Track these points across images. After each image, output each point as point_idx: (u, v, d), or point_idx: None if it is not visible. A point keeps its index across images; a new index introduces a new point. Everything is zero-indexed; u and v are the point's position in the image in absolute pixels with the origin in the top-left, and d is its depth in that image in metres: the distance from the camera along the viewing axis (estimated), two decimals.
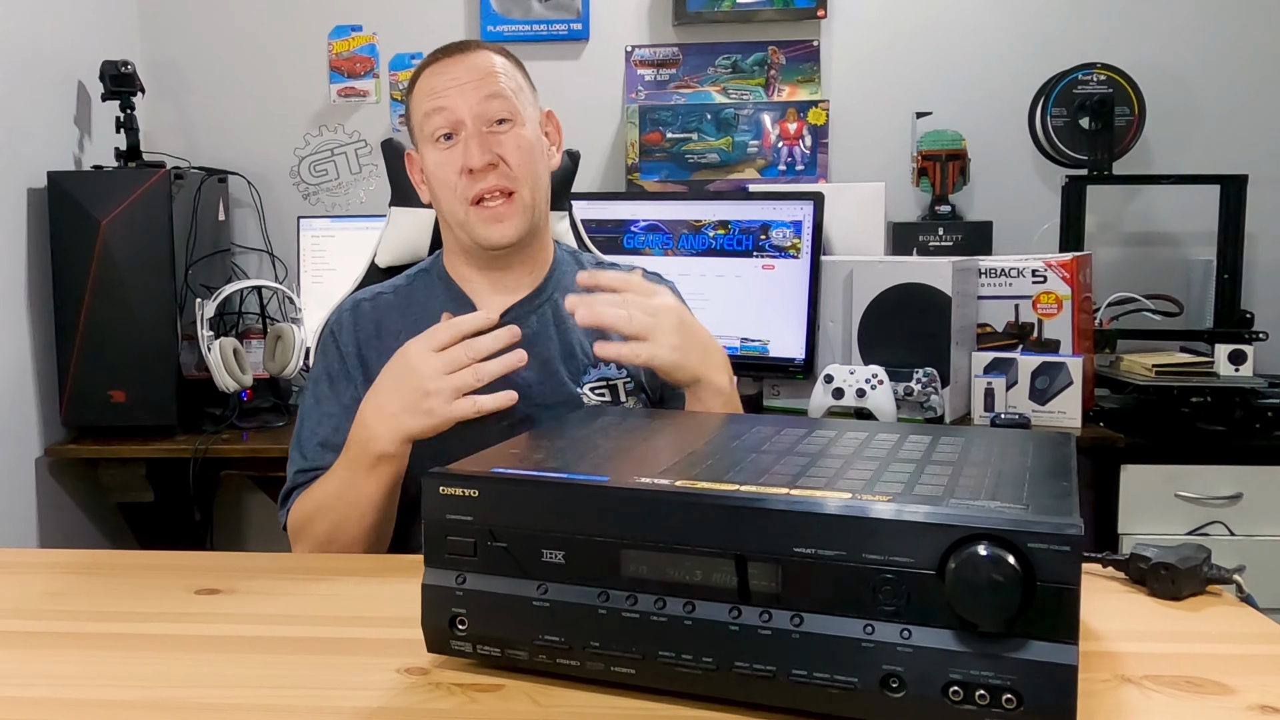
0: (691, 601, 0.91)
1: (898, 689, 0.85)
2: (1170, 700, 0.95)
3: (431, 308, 1.77)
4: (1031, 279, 2.85)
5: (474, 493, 0.97)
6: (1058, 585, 0.81)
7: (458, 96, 1.70)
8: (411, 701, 0.96)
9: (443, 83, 1.72)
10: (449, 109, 1.70)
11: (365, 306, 1.80)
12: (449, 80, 1.72)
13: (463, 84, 1.71)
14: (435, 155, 1.72)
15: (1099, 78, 3.18)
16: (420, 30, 3.52)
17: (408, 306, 1.79)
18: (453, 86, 1.71)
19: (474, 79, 1.71)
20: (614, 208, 3.11)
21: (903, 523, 0.85)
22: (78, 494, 3.16)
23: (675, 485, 0.94)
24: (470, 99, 1.70)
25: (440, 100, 1.71)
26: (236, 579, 1.31)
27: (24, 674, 1.05)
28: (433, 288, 1.82)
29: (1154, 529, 2.71)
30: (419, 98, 1.75)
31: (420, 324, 1.75)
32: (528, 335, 1.74)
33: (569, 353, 1.77)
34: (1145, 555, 1.22)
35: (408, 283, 1.84)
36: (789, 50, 3.44)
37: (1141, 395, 2.90)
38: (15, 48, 2.93)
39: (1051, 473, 1.00)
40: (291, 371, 3.09)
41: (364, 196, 3.54)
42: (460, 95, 1.70)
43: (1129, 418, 2.87)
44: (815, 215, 2.90)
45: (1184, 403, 2.87)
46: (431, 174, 1.74)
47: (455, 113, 1.70)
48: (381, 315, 1.79)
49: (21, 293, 2.95)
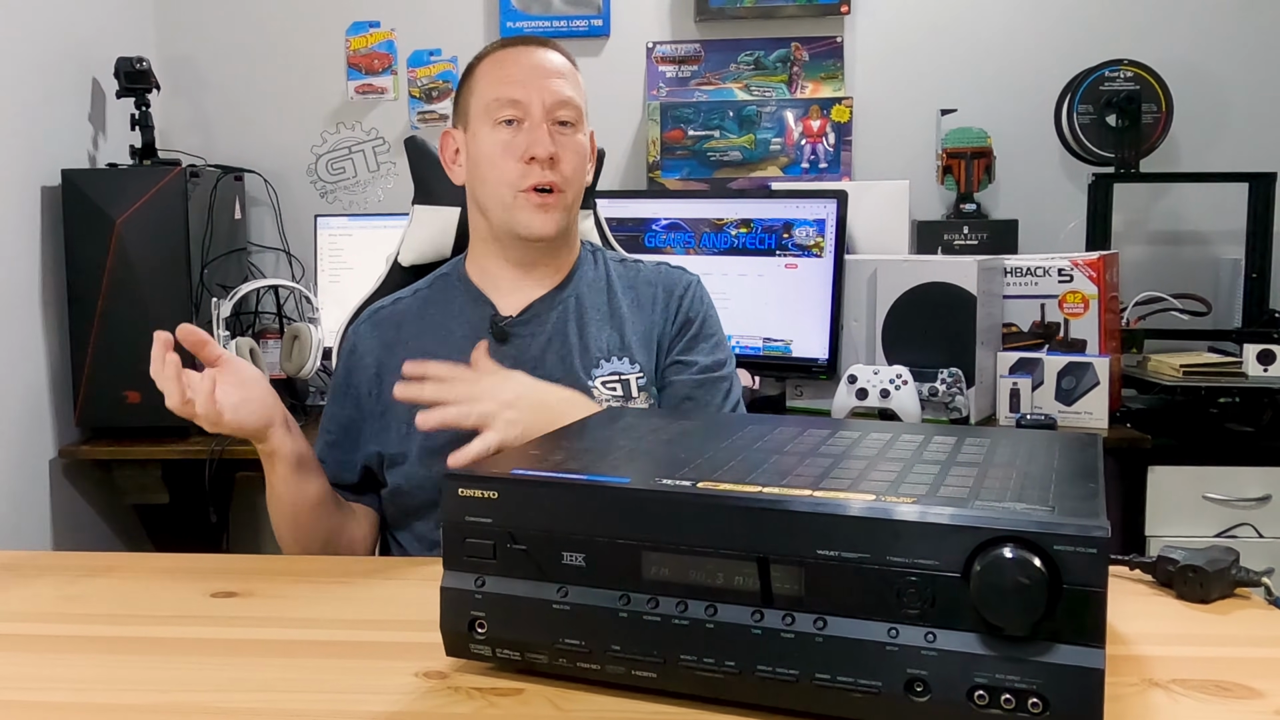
0: (714, 604, 0.91)
1: (922, 693, 0.85)
2: (1198, 704, 0.94)
3: (450, 310, 1.77)
4: (1058, 278, 2.83)
5: (493, 494, 0.97)
6: (1084, 588, 0.81)
7: (533, 87, 1.70)
8: (430, 706, 0.96)
9: (519, 71, 1.71)
10: (522, 98, 1.69)
11: (384, 314, 1.80)
12: (526, 70, 1.71)
13: (539, 76, 1.71)
14: (495, 136, 1.70)
15: (1126, 74, 3.17)
16: (439, 26, 3.52)
17: (425, 311, 1.79)
18: (529, 77, 1.71)
19: (550, 74, 1.72)
20: (635, 206, 3.10)
21: (927, 525, 0.85)
22: (92, 496, 3.16)
23: (697, 487, 0.94)
24: (544, 92, 1.70)
25: (514, 88, 1.70)
26: (253, 581, 1.31)
27: (39, 677, 1.05)
28: (451, 291, 1.81)
29: (1181, 531, 2.69)
30: (489, 79, 1.73)
31: (437, 328, 1.77)
32: (546, 331, 1.75)
33: (584, 347, 1.76)
34: (1173, 558, 1.21)
35: (428, 286, 1.84)
36: (812, 46, 3.43)
37: (1169, 396, 2.88)
38: (30, 44, 2.93)
39: (1078, 474, 0.99)
40: (308, 372, 3.07)
41: (382, 195, 3.54)
42: (535, 86, 1.70)
43: (1156, 418, 2.85)
44: (839, 214, 2.89)
45: (1212, 403, 2.85)
46: (484, 154, 1.71)
47: (528, 102, 1.69)
48: (400, 321, 1.79)
49: (35, 292, 2.94)
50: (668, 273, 1.84)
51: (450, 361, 1.68)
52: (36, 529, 2.94)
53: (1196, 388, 2.83)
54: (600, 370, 1.74)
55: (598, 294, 1.80)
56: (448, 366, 1.55)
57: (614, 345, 1.76)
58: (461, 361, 1.59)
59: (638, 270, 1.85)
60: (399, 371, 1.58)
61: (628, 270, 1.85)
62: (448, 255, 1.96)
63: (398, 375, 1.58)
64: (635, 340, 1.76)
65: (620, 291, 1.81)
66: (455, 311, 1.77)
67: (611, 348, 1.76)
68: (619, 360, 1.75)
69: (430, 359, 1.71)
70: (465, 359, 1.60)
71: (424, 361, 1.56)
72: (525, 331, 1.74)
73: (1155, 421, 2.82)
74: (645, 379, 1.75)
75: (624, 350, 1.76)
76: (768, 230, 2.96)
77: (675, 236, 3.04)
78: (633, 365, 1.75)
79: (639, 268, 1.86)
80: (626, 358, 1.75)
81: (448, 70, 3.48)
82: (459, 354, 1.68)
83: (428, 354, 1.72)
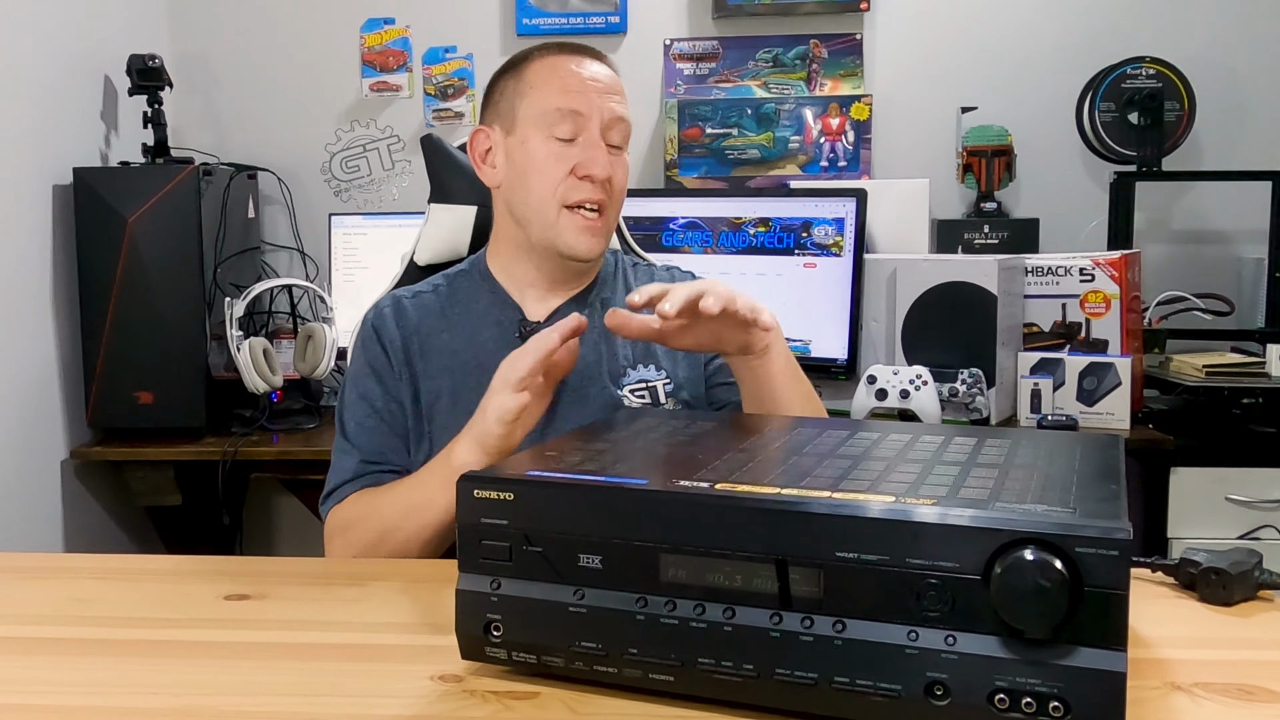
0: (731, 607, 0.90)
1: (942, 697, 0.84)
2: (1221, 708, 0.94)
3: (474, 310, 1.75)
4: (1079, 277, 2.82)
5: (509, 496, 0.96)
6: (1106, 590, 0.81)
7: (596, 101, 1.66)
8: (445, 710, 0.95)
9: (581, 82, 1.67)
10: (584, 110, 1.66)
11: (406, 304, 1.76)
12: (588, 81, 1.68)
13: (601, 91, 1.68)
14: (550, 146, 1.66)
15: (1148, 72, 3.15)
16: (454, 23, 3.51)
17: (448, 308, 1.76)
18: (592, 90, 1.67)
19: (609, 90, 1.69)
20: (652, 205, 3.10)
21: (948, 527, 0.84)
22: (104, 498, 3.15)
23: (715, 488, 0.93)
24: (604, 109, 1.67)
25: (579, 99, 1.66)
26: (267, 584, 1.31)
27: (50, 681, 1.04)
28: (475, 288, 1.78)
29: (1204, 533, 2.68)
30: (548, 87, 1.68)
31: (462, 325, 1.74)
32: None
33: (611, 353, 1.74)
34: (1195, 560, 1.21)
35: (447, 283, 1.81)
36: (831, 44, 3.41)
37: (1191, 396, 2.87)
38: (42, 42, 2.92)
39: (1099, 476, 0.99)
40: (323, 372, 3.07)
41: (397, 193, 3.53)
42: (598, 101, 1.67)
43: (1179, 419, 2.84)
44: (858, 212, 2.88)
45: (1235, 404, 2.84)
46: (535, 164, 1.67)
47: (589, 115, 1.66)
48: (422, 315, 1.75)
49: (47, 292, 2.94)
50: (681, 277, 1.82)
51: (476, 361, 1.67)
52: (48, 531, 2.94)
53: (1219, 388, 2.81)
54: (628, 379, 1.72)
55: (619, 300, 1.77)
56: (657, 286, 1.45)
57: (639, 352, 1.74)
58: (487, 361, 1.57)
59: (651, 274, 1.85)
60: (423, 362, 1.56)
61: (642, 274, 1.84)
62: (464, 254, 1.95)
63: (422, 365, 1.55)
64: (660, 347, 1.73)
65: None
66: (480, 311, 1.75)
67: (638, 354, 1.74)
68: (645, 368, 1.73)
69: (456, 358, 1.70)
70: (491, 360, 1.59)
71: (643, 287, 1.46)
72: None
73: (1177, 422, 2.81)
74: (672, 384, 1.73)
75: (649, 356, 1.74)
76: (786, 229, 2.95)
77: (693, 235, 3.03)
78: (659, 372, 1.73)
79: (651, 271, 1.86)
80: (652, 364, 1.73)
81: (463, 68, 3.47)
82: (485, 354, 1.67)
83: (453, 352, 1.71)
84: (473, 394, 1.66)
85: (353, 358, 1.77)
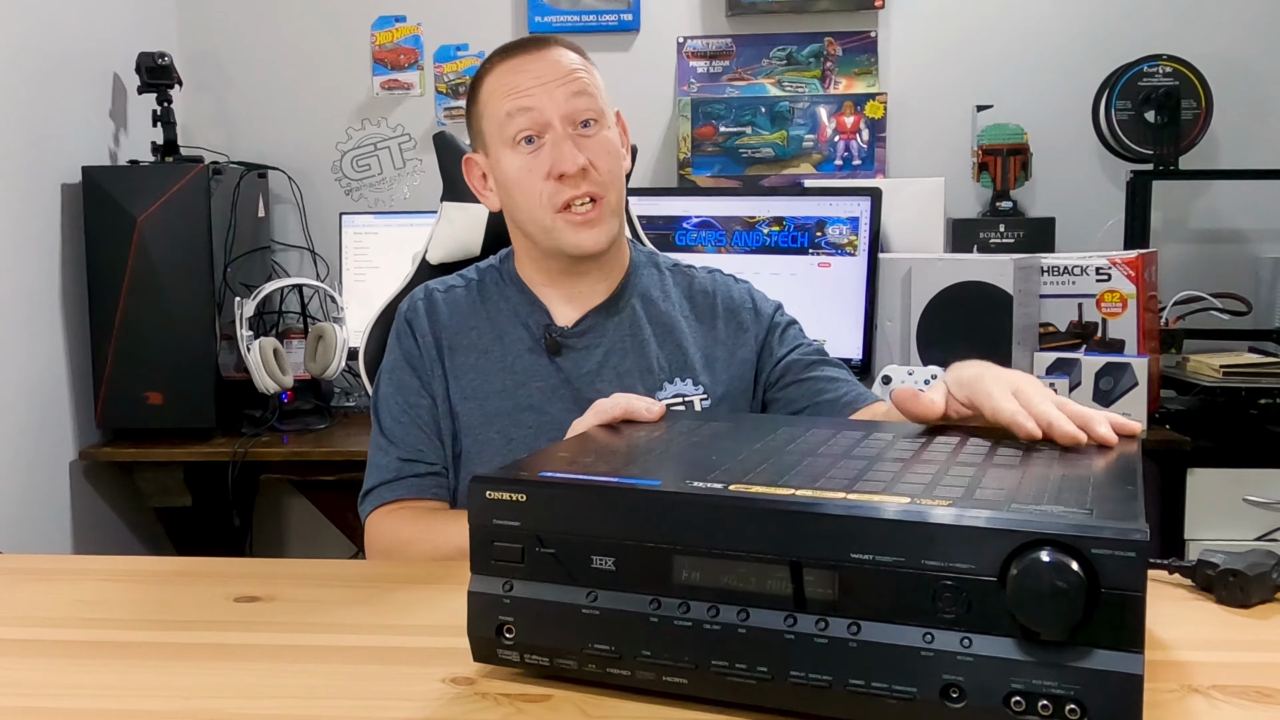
0: (745, 609, 0.90)
1: (958, 699, 0.84)
2: (1239, 711, 0.93)
3: (503, 310, 1.73)
4: (1095, 277, 2.81)
5: (521, 497, 0.96)
6: (1123, 592, 0.80)
7: (543, 95, 1.61)
8: (457, 712, 0.95)
9: (525, 80, 1.62)
10: (535, 109, 1.60)
11: (438, 296, 1.74)
12: (531, 78, 1.62)
13: (547, 82, 1.61)
14: (518, 160, 1.63)
15: (1165, 70, 3.14)
16: (466, 21, 3.51)
17: (480, 306, 1.74)
18: (537, 85, 1.61)
19: (558, 77, 1.62)
20: (666, 204, 3.10)
21: (963, 528, 0.84)
22: (113, 499, 3.15)
23: (729, 490, 0.92)
24: (557, 98, 1.61)
25: (524, 99, 1.61)
26: (277, 586, 1.30)
27: (59, 684, 1.04)
28: (506, 290, 1.75)
29: (1221, 534, 2.67)
30: (496, 97, 1.64)
31: (494, 325, 1.72)
32: (603, 345, 1.70)
33: (646, 366, 1.70)
34: (1212, 561, 1.20)
35: (478, 277, 1.78)
36: (846, 42, 3.40)
37: (1208, 397, 2.86)
38: (49, 39, 2.92)
39: (1116, 477, 0.98)
40: (333, 372, 3.07)
41: (408, 192, 3.53)
42: (546, 94, 1.61)
43: (1196, 420, 2.83)
44: (872, 211, 2.87)
45: (1252, 404, 2.83)
46: (513, 180, 1.64)
47: (542, 113, 1.60)
48: (454, 309, 1.73)
49: (55, 292, 2.93)
50: (722, 281, 1.80)
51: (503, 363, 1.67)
52: (57, 532, 2.93)
53: (1236, 389, 2.81)
54: (664, 393, 1.69)
55: (653, 305, 1.75)
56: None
57: (676, 364, 1.71)
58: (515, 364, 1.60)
59: (691, 278, 1.81)
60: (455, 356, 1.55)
61: (682, 278, 1.81)
62: (477, 253, 1.94)
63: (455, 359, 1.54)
64: (698, 358, 1.72)
65: (677, 301, 1.76)
66: (509, 312, 1.73)
67: (674, 367, 1.71)
68: (682, 382, 1.70)
69: (485, 356, 1.69)
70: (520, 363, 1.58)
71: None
72: (580, 344, 1.70)
73: (1194, 423, 2.81)
74: (710, 400, 1.70)
75: (686, 370, 1.71)
76: (800, 228, 2.94)
77: (706, 235, 3.03)
78: (695, 386, 1.70)
79: (692, 274, 1.81)
80: (690, 378, 1.70)
81: (475, 65, 3.45)
82: (514, 357, 1.68)
83: (483, 351, 1.70)
84: (498, 397, 1.65)
85: (388, 350, 1.76)
